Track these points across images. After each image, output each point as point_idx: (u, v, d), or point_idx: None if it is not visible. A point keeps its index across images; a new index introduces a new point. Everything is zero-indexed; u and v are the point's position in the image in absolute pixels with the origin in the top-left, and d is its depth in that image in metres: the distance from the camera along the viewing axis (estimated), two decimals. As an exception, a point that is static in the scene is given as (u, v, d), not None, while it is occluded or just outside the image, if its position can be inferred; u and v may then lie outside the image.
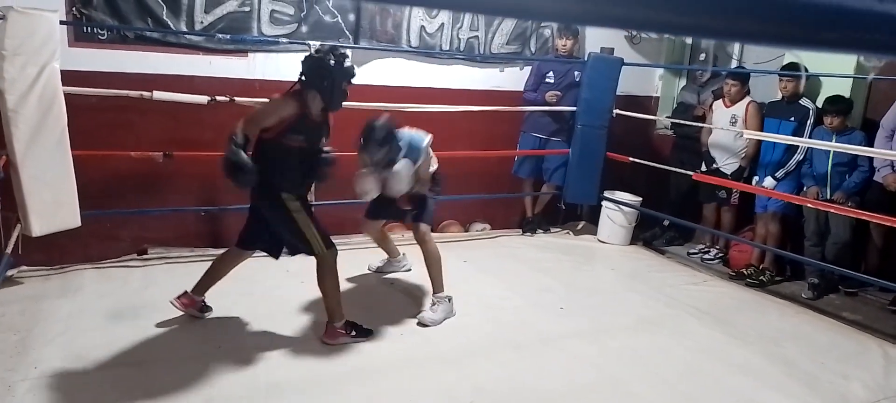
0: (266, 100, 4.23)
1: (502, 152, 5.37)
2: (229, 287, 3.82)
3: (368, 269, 4.21)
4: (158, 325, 3.27)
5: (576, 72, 5.24)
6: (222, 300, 3.61)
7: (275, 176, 3.01)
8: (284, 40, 4.41)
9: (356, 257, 4.60)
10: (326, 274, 3.15)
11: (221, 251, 4.40)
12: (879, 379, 3.26)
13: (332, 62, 3.00)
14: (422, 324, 3.49)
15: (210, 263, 3.42)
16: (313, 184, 3.36)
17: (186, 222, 4.47)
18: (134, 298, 3.60)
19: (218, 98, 4.08)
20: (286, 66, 4.47)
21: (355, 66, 3.19)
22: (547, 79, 5.19)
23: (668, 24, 0.81)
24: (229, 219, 4.54)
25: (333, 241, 3.18)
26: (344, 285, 3.99)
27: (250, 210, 3.30)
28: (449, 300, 3.60)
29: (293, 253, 3.25)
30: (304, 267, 4.29)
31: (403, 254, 4.21)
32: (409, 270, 4.21)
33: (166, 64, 4.16)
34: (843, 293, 4.54)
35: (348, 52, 3.28)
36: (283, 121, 2.98)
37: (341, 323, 3.21)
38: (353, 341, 3.22)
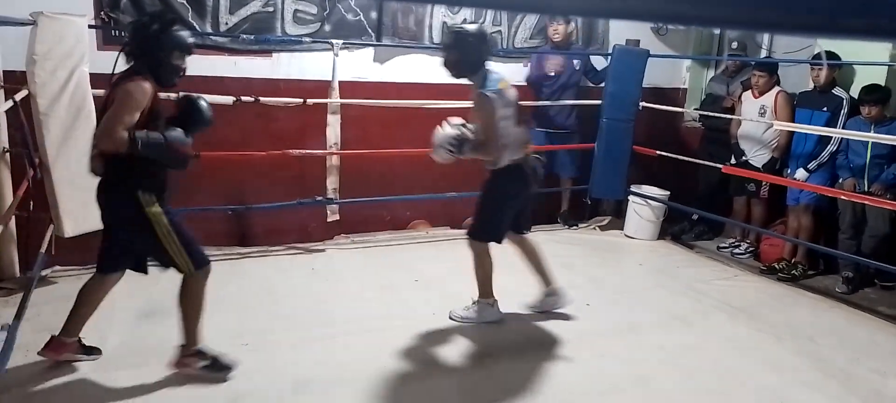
0: (292, 99, 4.28)
1: (536, 147, 5.31)
2: (255, 286, 3.87)
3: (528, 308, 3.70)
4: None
5: (575, 62, 5.16)
6: (246, 298, 3.65)
7: (131, 176, 2.55)
8: (308, 40, 4.44)
9: (385, 254, 4.63)
10: (192, 294, 2.72)
11: (248, 248, 4.49)
12: (918, 376, 3.17)
13: (157, 30, 2.52)
14: (451, 318, 3.50)
15: (86, 299, 2.87)
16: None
17: (214, 221, 4.52)
18: (163, 297, 3.62)
19: (243, 98, 4.12)
20: (310, 66, 4.51)
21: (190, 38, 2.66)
22: (548, 72, 5.12)
23: (693, 16, 0.79)
24: (256, 218, 4.60)
25: (208, 257, 2.75)
26: (379, 281, 4.01)
27: (104, 228, 2.76)
28: (492, 305, 3.51)
29: (165, 266, 2.74)
30: (327, 264, 4.33)
31: (557, 288, 3.66)
32: (564, 307, 3.68)
33: (192, 65, 4.15)
34: (879, 286, 4.42)
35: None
36: (146, 115, 2.50)
37: (195, 349, 2.79)
38: (202, 372, 2.79)
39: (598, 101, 5.21)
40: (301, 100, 4.28)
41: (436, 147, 3.25)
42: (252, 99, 4.15)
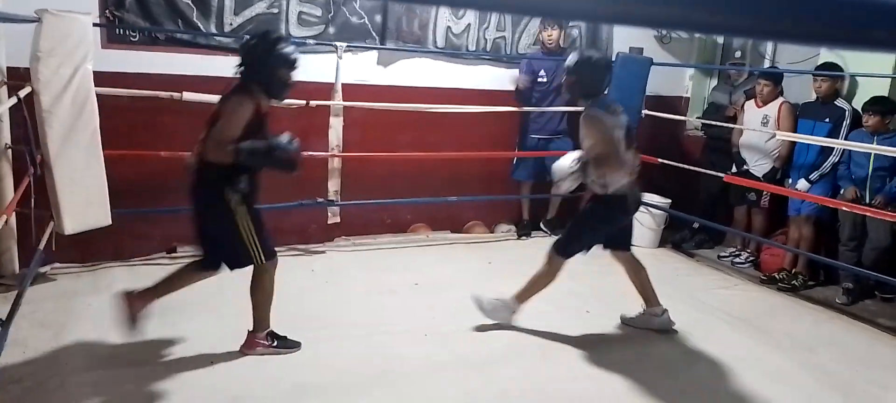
0: (295, 101, 4.27)
1: (529, 153, 5.31)
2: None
3: (622, 321, 3.71)
4: (187, 324, 3.30)
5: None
6: (246, 299, 3.64)
7: (221, 177, 2.75)
8: (312, 41, 4.44)
9: (385, 257, 4.63)
10: (262, 283, 2.96)
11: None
12: (918, 389, 3.16)
13: (265, 47, 2.76)
14: (474, 300, 3.52)
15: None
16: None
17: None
18: (163, 299, 3.64)
19: (246, 99, 4.12)
20: (314, 68, 4.49)
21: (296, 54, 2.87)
22: (539, 78, 5.05)
23: (707, 23, 0.79)
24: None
25: (275, 251, 2.98)
26: (379, 284, 4.01)
27: (194, 221, 2.99)
28: (512, 312, 3.50)
29: (232, 266, 2.98)
30: (327, 266, 4.33)
31: (658, 310, 3.58)
32: (670, 331, 3.58)
33: (196, 65, 4.21)
34: (879, 298, 4.41)
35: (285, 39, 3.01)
36: (248, 126, 2.73)
37: (264, 333, 3.03)
38: (274, 352, 3.03)
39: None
40: (304, 102, 4.28)
41: (559, 179, 3.27)
42: (255, 99, 4.15)
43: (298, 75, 4.45)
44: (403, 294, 3.93)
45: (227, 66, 4.25)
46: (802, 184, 4.53)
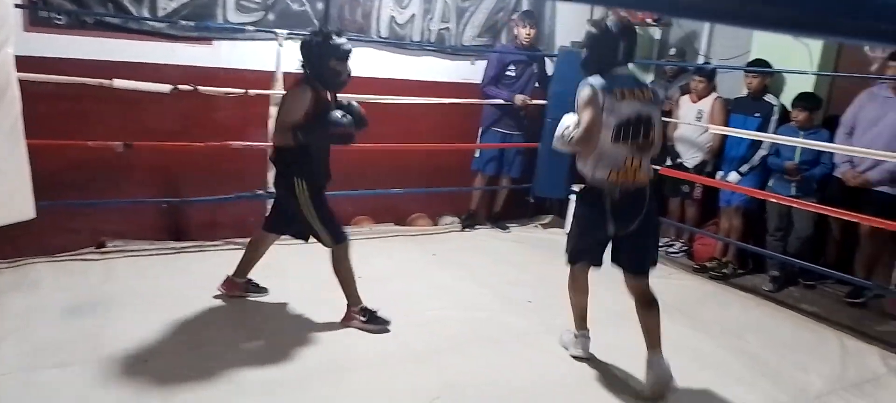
0: (232, 89, 4.16)
1: (474, 145, 5.34)
2: (192, 282, 3.74)
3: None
4: (120, 320, 3.18)
5: (534, 65, 5.22)
6: (183, 295, 3.53)
7: (291, 165, 3.14)
8: (251, 28, 4.32)
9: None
10: (339, 263, 3.29)
11: (183, 243, 4.34)
12: (837, 370, 3.34)
13: (317, 42, 3.05)
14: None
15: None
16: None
17: (147, 214, 4.35)
18: (94, 292, 3.49)
19: (181, 87, 3.97)
20: (252, 55, 4.39)
21: (344, 42, 3.12)
22: (508, 72, 5.12)
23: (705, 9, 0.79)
24: (191, 212, 4.45)
25: (346, 235, 3.30)
26: (321, 277, 3.95)
27: (275, 197, 3.52)
28: (578, 338, 3.24)
29: (305, 239, 3.37)
30: (266, 260, 4.23)
31: (659, 360, 2.97)
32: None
33: (127, 50, 4.03)
34: (802, 285, 4.65)
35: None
36: (308, 114, 3.05)
37: (357, 307, 3.32)
38: (363, 328, 3.29)
39: (544, 102, 5.27)
40: (242, 91, 4.16)
41: (555, 143, 3.02)
42: (190, 88, 4.01)
43: (237, 63, 4.38)
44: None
45: (161, 52, 4.15)
46: (733, 176, 4.72)
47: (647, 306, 2.97)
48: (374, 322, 3.31)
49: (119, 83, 3.79)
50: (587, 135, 2.76)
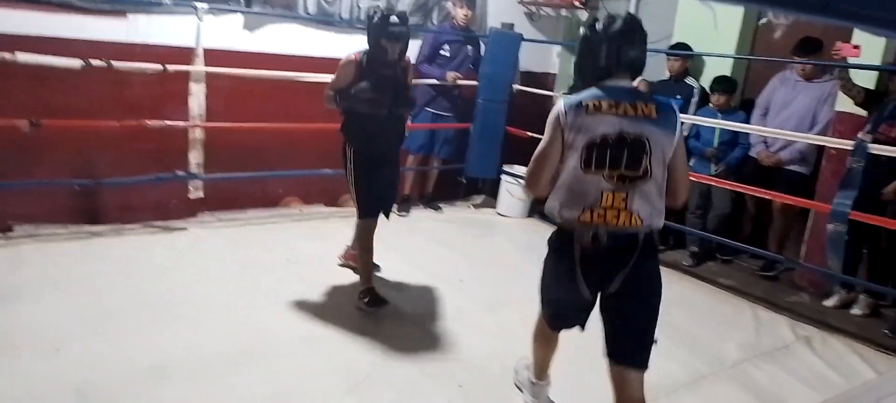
0: (148, 65, 3.96)
1: (414, 125, 5.26)
2: (109, 266, 3.57)
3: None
4: (29, 309, 2.99)
5: (469, 46, 5.22)
6: (99, 279, 3.36)
7: (345, 130, 3.38)
8: (168, 1, 4.11)
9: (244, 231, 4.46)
10: (359, 234, 3.50)
11: (99, 227, 4.13)
12: (751, 339, 3.52)
13: (375, 21, 3.24)
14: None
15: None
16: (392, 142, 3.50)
17: (58, 197, 4.10)
18: (0, 280, 3.27)
19: (93, 62, 3.75)
20: (172, 29, 4.18)
21: (396, 24, 3.23)
22: (442, 52, 5.10)
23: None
24: (108, 194, 4.22)
25: (373, 213, 3.41)
26: (249, 261, 3.84)
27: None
28: (535, 386, 2.69)
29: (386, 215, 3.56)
30: (190, 244, 4.08)
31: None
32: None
33: (33, 23, 3.76)
34: (719, 260, 4.87)
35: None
36: (349, 83, 3.25)
37: (363, 289, 3.40)
38: (364, 310, 3.34)
39: (475, 83, 5.28)
40: (160, 67, 3.96)
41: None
42: (103, 63, 3.78)
43: (155, 38, 4.17)
44: (275, 270, 3.80)
45: (69, 24, 3.89)
46: (656, 156, 4.87)
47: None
48: (372, 303, 3.37)
49: (24, 57, 3.55)
50: (534, 165, 2.21)
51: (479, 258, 4.44)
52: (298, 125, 4.69)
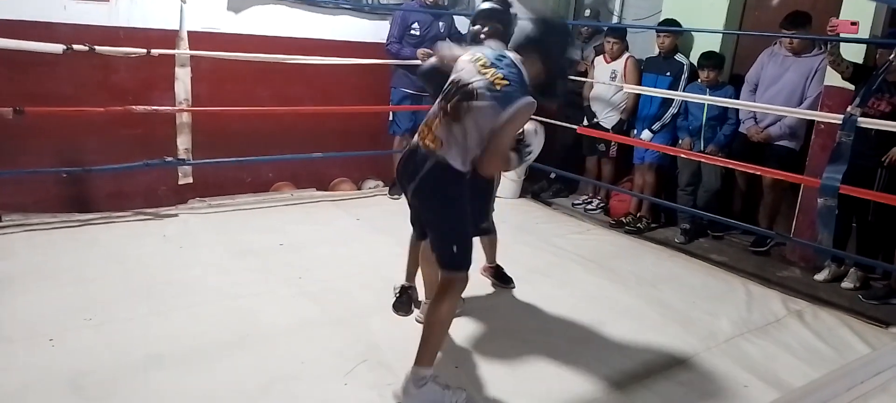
0: (134, 49, 3.90)
1: (394, 107, 5.24)
2: (100, 255, 3.54)
3: None
4: (21, 299, 2.96)
5: (440, 23, 5.15)
6: (90, 268, 3.33)
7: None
8: (151, -16, 4.04)
9: (234, 218, 4.43)
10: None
11: (89, 215, 4.08)
12: (743, 314, 3.55)
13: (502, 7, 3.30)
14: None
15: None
16: None
17: (46, 185, 4.05)
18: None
19: (75, 47, 3.68)
20: (154, 13, 4.12)
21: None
22: (411, 30, 4.96)
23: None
24: (96, 181, 4.17)
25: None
26: (240, 246, 3.81)
27: None
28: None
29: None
30: (181, 230, 4.05)
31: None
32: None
33: (11, 7, 3.69)
34: (711, 237, 4.90)
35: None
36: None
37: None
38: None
39: None
40: (144, 51, 3.90)
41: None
42: (86, 47, 3.72)
43: (138, 21, 4.10)
44: (267, 255, 3.77)
45: (50, 8, 3.80)
46: (646, 134, 4.88)
47: (432, 302, 2.55)
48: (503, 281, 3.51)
49: (3, 43, 3.48)
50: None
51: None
52: (288, 109, 4.64)
